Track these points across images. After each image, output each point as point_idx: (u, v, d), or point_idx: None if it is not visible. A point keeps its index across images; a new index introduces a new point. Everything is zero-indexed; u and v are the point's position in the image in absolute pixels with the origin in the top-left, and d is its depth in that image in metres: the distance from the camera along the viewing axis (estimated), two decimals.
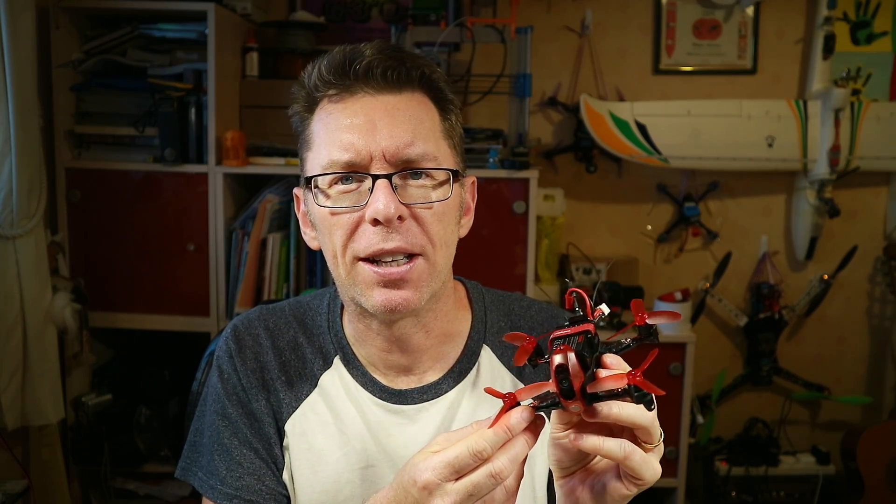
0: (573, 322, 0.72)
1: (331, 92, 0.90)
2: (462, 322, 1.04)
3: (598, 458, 0.76)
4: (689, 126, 2.62)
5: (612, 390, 0.67)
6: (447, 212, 0.92)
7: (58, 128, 2.29)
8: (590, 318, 0.72)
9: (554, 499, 1.00)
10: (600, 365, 0.70)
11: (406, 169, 0.89)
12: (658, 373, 2.42)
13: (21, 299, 2.03)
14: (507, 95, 2.54)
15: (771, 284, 2.81)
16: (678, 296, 2.54)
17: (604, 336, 0.73)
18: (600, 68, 2.76)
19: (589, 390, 0.67)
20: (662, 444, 0.73)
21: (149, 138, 2.31)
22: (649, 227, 2.85)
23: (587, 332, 0.70)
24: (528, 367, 1.03)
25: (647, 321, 0.70)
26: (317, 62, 0.92)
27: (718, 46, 2.76)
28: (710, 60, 2.76)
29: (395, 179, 0.87)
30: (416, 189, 0.89)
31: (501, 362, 1.03)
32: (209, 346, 1.31)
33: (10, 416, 2.02)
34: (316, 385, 1.00)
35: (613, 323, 2.49)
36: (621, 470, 0.72)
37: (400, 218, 0.87)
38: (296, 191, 1.01)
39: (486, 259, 2.28)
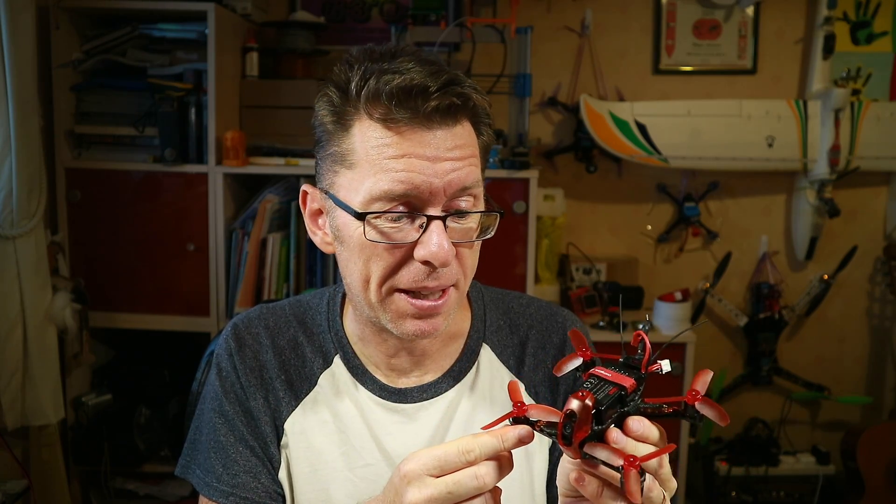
0: (622, 366, 0.70)
1: (386, 116, 0.84)
2: (462, 321, 1.04)
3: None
4: (689, 126, 2.62)
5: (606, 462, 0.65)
6: (479, 243, 0.92)
7: (58, 128, 2.29)
8: (643, 370, 0.69)
9: (552, 498, 1.01)
10: (621, 425, 0.67)
11: (459, 211, 0.87)
12: (658, 374, 2.42)
13: (21, 299, 2.04)
14: (507, 95, 2.54)
15: (771, 284, 2.81)
16: (678, 296, 2.54)
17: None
18: (600, 68, 2.76)
19: (586, 451, 0.65)
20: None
21: (149, 138, 2.31)
22: (649, 227, 2.85)
23: (622, 388, 0.67)
24: (526, 365, 1.04)
25: (697, 404, 0.67)
26: (364, 71, 0.85)
27: (718, 46, 2.76)
28: (710, 60, 2.76)
29: (448, 220, 0.86)
30: (462, 227, 0.88)
31: (501, 361, 1.03)
32: (209, 346, 1.30)
33: (10, 416, 2.02)
34: (315, 384, 1.00)
35: (613, 323, 2.48)
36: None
37: None
38: (306, 187, 0.96)
39: (485, 259, 2.26)
